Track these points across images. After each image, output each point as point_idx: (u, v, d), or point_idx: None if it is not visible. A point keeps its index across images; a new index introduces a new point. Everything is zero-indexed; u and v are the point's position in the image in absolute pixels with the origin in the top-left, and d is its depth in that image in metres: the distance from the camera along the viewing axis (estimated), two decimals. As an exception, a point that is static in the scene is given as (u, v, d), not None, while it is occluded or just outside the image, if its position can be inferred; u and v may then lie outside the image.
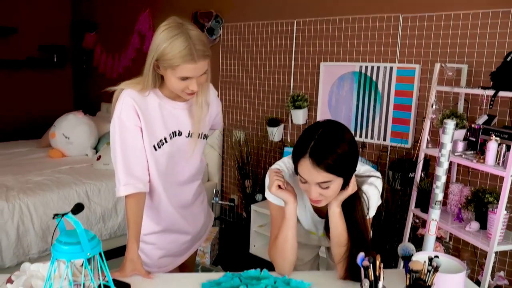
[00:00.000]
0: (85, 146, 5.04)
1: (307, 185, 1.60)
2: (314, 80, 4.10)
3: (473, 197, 2.76)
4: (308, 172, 1.56)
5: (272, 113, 4.49)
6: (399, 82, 3.50)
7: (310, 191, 1.60)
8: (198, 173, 2.14)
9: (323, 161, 1.53)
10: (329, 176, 1.55)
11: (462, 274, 1.60)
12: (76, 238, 1.26)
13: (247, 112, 4.74)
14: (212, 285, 1.64)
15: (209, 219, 2.37)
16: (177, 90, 1.79)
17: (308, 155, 1.54)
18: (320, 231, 1.92)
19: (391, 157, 3.61)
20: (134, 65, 5.78)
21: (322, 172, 1.54)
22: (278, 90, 4.42)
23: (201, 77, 1.78)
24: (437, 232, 2.52)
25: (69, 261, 1.26)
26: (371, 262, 1.44)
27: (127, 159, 1.83)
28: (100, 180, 4.09)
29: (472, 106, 3.09)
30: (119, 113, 1.82)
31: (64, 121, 5.03)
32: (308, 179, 1.58)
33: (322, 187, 1.58)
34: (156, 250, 2.08)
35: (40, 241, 3.59)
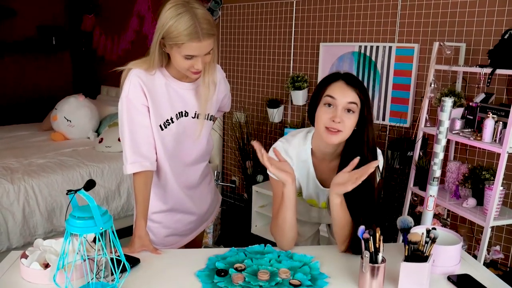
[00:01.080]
0: (87, 129, 5.10)
1: (333, 109, 1.74)
2: (313, 61, 4.15)
3: (470, 174, 2.83)
4: (341, 90, 1.74)
5: (272, 94, 4.54)
6: (398, 62, 3.55)
7: (335, 114, 1.73)
8: (205, 154, 2.18)
9: (356, 82, 1.76)
10: (357, 98, 1.74)
11: (458, 246, 1.67)
12: (88, 213, 1.33)
13: (247, 93, 4.79)
14: (218, 259, 1.71)
15: (216, 201, 2.42)
16: (183, 69, 1.83)
17: (341, 78, 1.77)
18: (322, 200, 1.97)
19: (390, 137, 3.67)
20: (134, 47, 5.80)
21: (354, 92, 1.74)
22: (278, 71, 4.46)
23: (206, 56, 1.82)
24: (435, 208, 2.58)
25: (82, 235, 1.32)
26: (371, 234, 1.50)
27: (134, 138, 1.88)
28: (102, 162, 4.15)
29: (470, 85, 3.14)
30: (126, 92, 1.87)
31: (66, 104, 5.08)
32: (339, 97, 1.73)
33: (348, 110, 1.73)
34: (163, 229, 2.14)
35: (46, 222, 3.66)
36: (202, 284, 1.54)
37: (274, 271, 1.62)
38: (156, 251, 1.78)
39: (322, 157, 1.88)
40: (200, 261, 1.71)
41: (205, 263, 1.69)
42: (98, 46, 6.53)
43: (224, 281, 1.55)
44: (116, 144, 4.50)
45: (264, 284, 1.54)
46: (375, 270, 1.50)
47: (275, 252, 1.77)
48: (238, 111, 4.83)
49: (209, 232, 4.05)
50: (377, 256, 1.51)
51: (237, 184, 5.03)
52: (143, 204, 1.87)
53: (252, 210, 4.33)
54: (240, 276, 1.57)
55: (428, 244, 1.53)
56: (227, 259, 1.71)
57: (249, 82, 4.75)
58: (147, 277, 1.59)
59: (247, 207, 4.57)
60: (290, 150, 1.88)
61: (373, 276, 1.50)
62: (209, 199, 2.32)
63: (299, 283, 1.55)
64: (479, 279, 1.60)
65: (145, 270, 1.64)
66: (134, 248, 1.78)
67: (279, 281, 1.56)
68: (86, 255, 1.41)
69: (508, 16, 2.98)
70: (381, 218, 3.36)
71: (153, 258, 1.74)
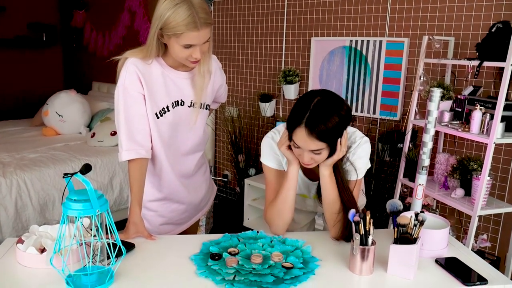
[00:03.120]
0: (78, 124, 5.11)
1: (301, 150, 1.71)
2: (305, 55, 4.19)
3: (458, 165, 2.88)
4: (303, 140, 1.67)
5: (264, 88, 4.58)
6: (389, 56, 3.60)
7: (303, 156, 1.72)
8: (201, 144, 2.21)
9: (318, 132, 1.63)
10: (323, 145, 1.67)
11: (446, 230, 1.72)
12: (85, 196, 1.36)
13: (239, 88, 4.83)
14: (212, 244, 1.75)
15: (211, 191, 2.45)
16: (181, 59, 1.87)
17: (304, 125, 1.64)
18: (312, 193, 2.02)
19: (380, 130, 3.72)
20: (125, 43, 5.81)
21: (316, 141, 1.65)
22: (270, 65, 4.50)
23: (204, 45, 1.85)
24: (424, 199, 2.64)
25: (79, 218, 1.36)
26: (362, 218, 1.55)
27: (130, 125, 1.91)
28: (95, 157, 4.18)
29: (458, 79, 3.20)
30: (123, 81, 1.90)
31: (57, 99, 5.09)
32: (302, 147, 1.69)
33: (315, 153, 1.70)
34: (158, 217, 2.17)
35: (38, 215, 3.68)
36: (196, 267, 1.58)
37: (267, 255, 1.66)
38: (150, 237, 1.82)
39: None
40: (194, 246, 1.74)
41: (200, 248, 1.73)
42: (89, 42, 6.53)
43: (218, 264, 1.59)
44: (108, 138, 4.52)
45: (257, 267, 1.58)
46: (365, 252, 1.54)
47: (267, 237, 1.81)
48: (230, 105, 4.86)
49: (202, 225, 4.08)
50: (367, 238, 1.55)
51: (230, 178, 5.07)
52: (138, 191, 1.90)
53: (245, 203, 4.36)
54: (234, 259, 1.61)
55: (416, 227, 1.58)
56: (221, 244, 1.75)
57: (241, 77, 4.79)
58: (142, 261, 1.63)
59: (239, 201, 4.61)
60: None
61: (363, 258, 1.54)
62: (204, 189, 2.35)
63: (291, 265, 1.59)
64: (466, 263, 1.65)
65: (140, 255, 1.68)
66: (129, 234, 1.82)
67: (271, 264, 1.60)
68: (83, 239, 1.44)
69: (496, 10, 3.04)
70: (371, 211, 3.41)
71: (148, 244, 1.78)
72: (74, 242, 1.55)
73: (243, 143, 4.64)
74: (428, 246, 1.68)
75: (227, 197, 5.09)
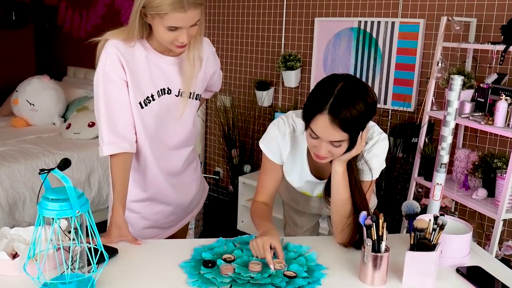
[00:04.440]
0: (52, 113, 5.08)
1: (318, 141, 1.68)
2: (307, 38, 4.18)
3: (480, 162, 2.88)
4: (324, 129, 1.63)
5: (261, 75, 4.57)
6: (402, 39, 3.59)
7: (319, 148, 1.68)
8: (191, 138, 2.21)
9: (342, 120, 1.59)
10: (344, 136, 1.64)
11: (468, 236, 1.72)
12: (63, 195, 1.35)
13: (233, 74, 4.82)
14: (205, 249, 1.74)
15: (202, 191, 2.44)
16: (166, 42, 1.85)
17: (327, 111, 1.60)
18: (316, 192, 2.01)
19: (392, 122, 3.72)
20: (105, 23, 5.78)
21: (339, 131, 1.61)
22: (268, 49, 4.49)
23: (192, 29, 1.82)
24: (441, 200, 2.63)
25: (57, 219, 1.34)
26: (374, 221, 1.54)
27: (112, 116, 1.90)
28: (71, 150, 4.16)
29: (480, 65, 3.19)
30: (103, 65, 1.88)
31: (28, 86, 5.06)
32: (322, 137, 1.65)
33: (334, 145, 1.67)
34: (141, 220, 2.16)
35: (7, 216, 3.66)
36: (187, 275, 1.57)
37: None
38: (135, 242, 1.81)
39: None
40: (184, 252, 1.74)
41: (191, 254, 1.72)
42: (64, 21, 6.47)
43: (212, 273, 1.58)
44: (86, 130, 4.50)
45: (256, 276, 1.57)
46: (378, 260, 1.54)
47: (267, 242, 1.81)
48: (223, 94, 4.85)
49: (191, 228, 4.08)
50: (380, 244, 1.55)
51: (221, 175, 5.06)
52: (121, 190, 1.89)
53: (239, 204, 4.36)
54: (230, 267, 1.61)
55: (435, 231, 1.57)
56: (214, 250, 1.75)
57: (235, 62, 4.77)
58: (126, 269, 1.62)
59: (232, 201, 4.61)
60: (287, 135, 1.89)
61: (375, 267, 1.54)
62: (194, 188, 2.34)
63: (294, 274, 1.59)
64: (491, 272, 1.65)
65: (124, 262, 1.67)
66: (111, 238, 1.80)
67: (272, 273, 1.60)
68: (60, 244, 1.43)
69: (524, -11, 3.04)
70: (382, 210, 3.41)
71: (133, 249, 1.77)
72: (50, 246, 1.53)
73: (237, 136, 4.63)
74: (448, 253, 1.68)
75: (219, 197, 5.09)
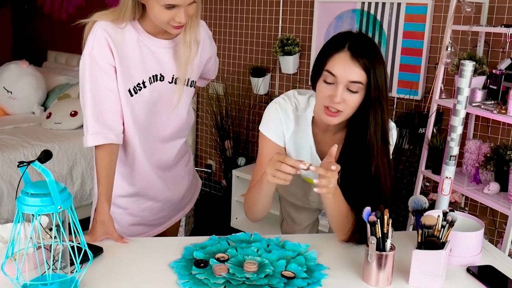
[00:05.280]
0: (31, 102, 5.08)
1: (332, 87, 1.70)
2: (307, 21, 4.17)
3: (492, 154, 2.88)
4: (344, 66, 1.68)
5: (257, 60, 4.56)
6: (408, 22, 3.58)
7: (335, 94, 1.69)
8: (184, 129, 2.20)
9: (364, 56, 1.67)
10: (363, 76, 1.68)
11: (480, 233, 1.72)
12: (44, 189, 1.34)
13: (226, 60, 4.81)
14: (196, 248, 1.74)
15: (194, 186, 2.44)
16: (162, 22, 1.83)
17: (347, 48, 1.69)
18: None
19: (397, 111, 3.72)
20: (88, 4, 5.75)
21: (359, 69, 1.67)
22: (264, 33, 4.48)
23: (190, 7, 1.81)
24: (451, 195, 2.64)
25: (37, 215, 1.34)
26: (379, 217, 1.54)
27: (98, 104, 1.89)
28: (51, 142, 4.15)
29: (493, 50, 3.19)
30: (90, 49, 1.87)
31: (5, 72, 5.06)
32: (340, 74, 1.68)
33: (351, 90, 1.69)
34: (127, 216, 2.16)
35: (-17, 213, 3.66)
36: (178, 276, 1.57)
37: (263, 262, 1.66)
38: (121, 240, 1.80)
39: (325, 127, 1.88)
40: (175, 251, 1.73)
41: (181, 253, 1.71)
42: (45, 2, 6.44)
43: (204, 273, 1.58)
44: (68, 119, 4.49)
45: (251, 277, 1.57)
46: (383, 259, 1.54)
47: (263, 240, 1.81)
48: (215, 81, 4.84)
49: (181, 226, 4.07)
50: (385, 242, 1.55)
51: (214, 169, 5.06)
52: (106, 184, 1.88)
53: (232, 199, 4.36)
54: (223, 267, 1.60)
55: (444, 228, 1.57)
56: (207, 249, 1.74)
57: (229, 46, 4.76)
58: (112, 269, 1.62)
59: (226, 196, 4.60)
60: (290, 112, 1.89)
61: (380, 266, 1.54)
62: (186, 184, 2.34)
63: (293, 275, 1.59)
64: (504, 272, 1.65)
65: (110, 261, 1.67)
66: (96, 236, 1.79)
67: (269, 273, 1.59)
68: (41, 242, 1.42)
69: (539, -33, 3.03)
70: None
71: (119, 247, 1.76)
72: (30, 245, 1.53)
73: (231, 127, 4.62)
74: (458, 252, 1.68)
75: (211, 192, 5.09)
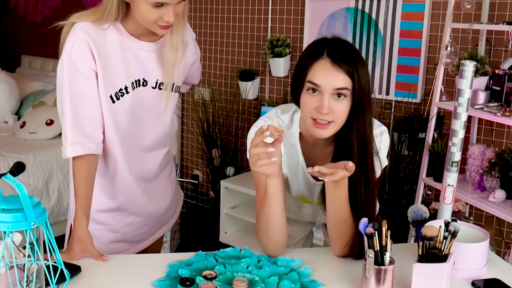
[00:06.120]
0: (4, 110, 5.07)
1: (318, 97, 1.70)
2: (298, 20, 4.18)
3: (497, 159, 2.89)
4: (326, 73, 1.69)
5: (245, 63, 4.57)
6: (405, 20, 3.59)
7: (321, 104, 1.69)
8: (167, 137, 2.20)
9: (345, 60, 1.69)
10: (348, 82, 1.69)
11: (485, 244, 1.72)
12: (17, 204, 1.33)
13: (213, 63, 4.81)
14: (182, 265, 1.73)
15: (178, 198, 2.44)
16: (148, 23, 1.83)
17: (326, 54, 1.71)
18: (316, 196, 2.00)
19: (396, 115, 3.72)
20: (64, 6, 5.74)
21: (343, 74, 1.68)
22: (252, 34, 4.49)
23: (178, 6, 1.82)
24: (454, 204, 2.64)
25: (9, 232, 1.33)
26: (376, 229, 1.54)
27: (77, 112, 1.88)
28: (26, 153, 4.14)
29: (495, 48, 3.20)
30: (69, 52, 1.86)
31: (-25, 79, 5.03)
32: (323, 83, 1.69)
33: (336, 98, 1.70)
34: (107, 232, 2.15)
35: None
36: (162, 295, 1.56)
37: (253, 279, 1.65)
38: (101, 258, 1.78)
39: (314, 142, 1.88)
40: (158, 269, 1.72)
41: (165, 271, 1.70)
42: (18, 4, 6.45)
43: (190, 292, 1.58)
44: (43, 129, 4.48)
45: (241, 295, 1.57)
46: (382, 274, 1.53)
47: (254, 256, 1.80)
48: (201, 85, 4.83)
49: (166, 241, 4.06)
50: (384, 256, 1.55)
51: (201, 179, 5.05)
52: (85, 198, 1.87)
53: (221, 212, 4.34)
54: (211, 285, 1.59)
55: (447, 240, 1.57)
56: (193, 266, 1.73)
57: (215, 49, 4.76)
58: (91, 289, 1.61)
59: (214, 209, 4.59)
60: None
61: (378, 281, 1.53)
62: (169, 196, 2.33)
63: (285, 292, 1.59)
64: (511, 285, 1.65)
65: (88, 281, 1.65)
66: (73, 254, 1.78)
67: (260, 291, 1.59)
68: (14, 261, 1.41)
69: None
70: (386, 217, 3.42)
71: (98, 266, 1.75)
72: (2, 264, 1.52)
73: (218, 134, 4.61)
74: (462, 264, 1.68)
75: (198, 205, 5.08)
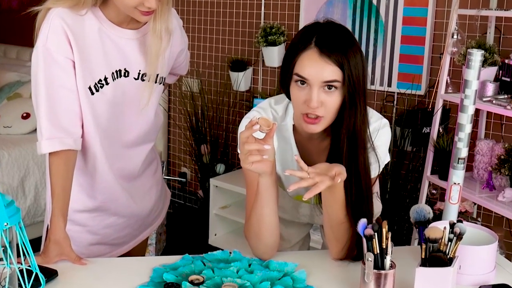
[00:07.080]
0: (-24, 103, 5.04)
1: (307, 90, 1.69)
2: (293, 6, 4.18)
3: (507, 156, 2.89)
4: (314, 65, 1.67)
5: (237, 52, 4.57)
6: (408, 6, 3.59)
7: (310, 98, 1.68)
8: (151, 132, 2.20)
9: (334, 50, 1.67)
10: (338, 73, 1.67)
11: (493, 246, 1.72)
12: (-13, 204, 1.33)
13: (201, 52, 4.81)
14: (167, 269, 1.73)
15: (164, 198, 2.44)
16: (128, 8, 1.82)
17: (314, 43, 1.68)
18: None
19: (398, 108, 3.72)
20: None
21: (332, 66, 1.66)
22: (245, 20, 4.48)
23: None
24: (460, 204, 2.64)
25: (-21, 235, 1.33)
26: (376, 230, 1.53)
27: (54, 104, 1.87)
28: (0, 149, 4.12)
29: (505, 36, 3.21)
30: (44, 40, 1.85)
31: None
32: (311, 76, 1.67)
33: (326, 90, 1.68)
34: (87, 234, 2.14)
35: None
36: (145, 302, 1.56)
37: (243, 284, 1.65)
38: (79, 261, 1.78)
39: (308, 135, 1.87)
40: (142, 273, 1.72)
41: (149, 276, 1.70)
42: (-9, -12, 6.45)
43: (175, 298, 1.57)
44: (19, 123, 4.48)
45: (230, 301, 1.57)
46: (382, 279, 1.53)
47: (244, 259, 1.80)
48: (189, 76, 4.83)
49: (151, 244, 4.05)
50: (384, 259, 1.54)
51: (189, 177, 5.05)
52: (62, 197, 1.86)
53: (210, 213, 4.35)
54: (198, 291, 1.60)
55: (452, 242, 1.57)
56: (178, 270, 1.73)
57: (204, 37, 4.76)
58: (68, 296, 1.61)
59: (203, 209, 4.59)
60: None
61: (378, 287, 1.53)
62: (154, 196, 2.33)
63: (278, 299, 1.59)
64: (521, 291, 1.66)
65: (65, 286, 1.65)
66: (49, 257, 1.77)
67: (251, 297, 1.59)
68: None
69: None
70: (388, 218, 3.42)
71: (76, 270, 1.75)
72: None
73: (208, 129, 4.61)
74: (468, 268, 1.68)
75: (186, 204, 5.07)
